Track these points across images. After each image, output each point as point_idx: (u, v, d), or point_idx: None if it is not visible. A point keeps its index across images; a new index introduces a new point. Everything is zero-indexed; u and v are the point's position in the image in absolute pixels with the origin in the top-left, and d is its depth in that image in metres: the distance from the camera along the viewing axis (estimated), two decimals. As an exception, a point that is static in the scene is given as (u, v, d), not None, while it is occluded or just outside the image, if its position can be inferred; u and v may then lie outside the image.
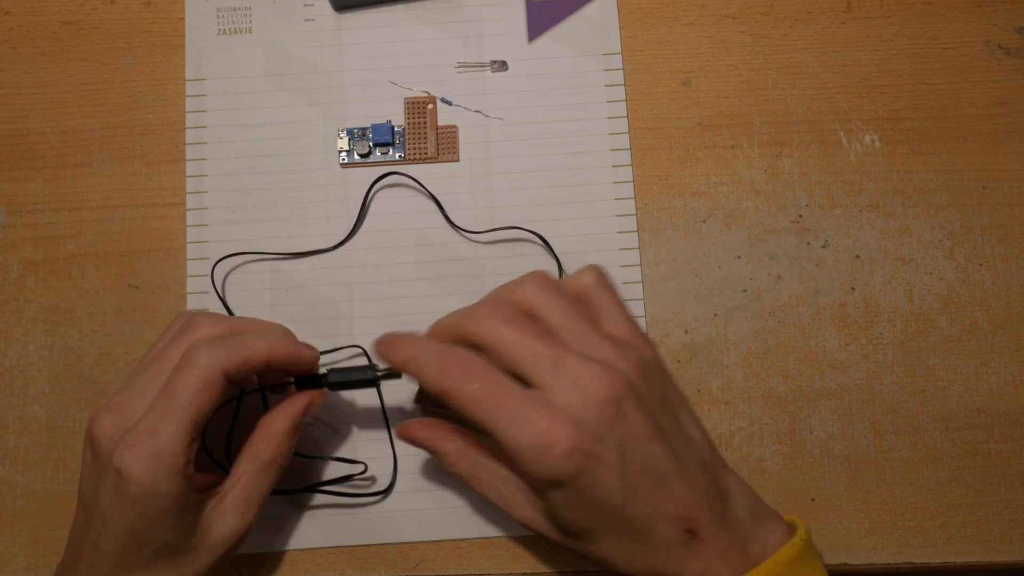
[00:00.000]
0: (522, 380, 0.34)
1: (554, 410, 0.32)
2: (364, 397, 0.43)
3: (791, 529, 0.36)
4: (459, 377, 0.33)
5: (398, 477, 0.42)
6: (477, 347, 0.35)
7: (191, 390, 0.34)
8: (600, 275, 0.38)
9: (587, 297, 0.37)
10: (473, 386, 0.33)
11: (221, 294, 0.44)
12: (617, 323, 0.37)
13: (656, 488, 0.33)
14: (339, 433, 0.43)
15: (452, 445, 0.37)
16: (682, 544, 0.33)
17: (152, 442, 0.33)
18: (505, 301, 0.35)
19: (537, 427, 0.32)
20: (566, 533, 0.35)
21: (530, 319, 0.35)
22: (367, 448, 0.42)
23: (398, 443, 0.42)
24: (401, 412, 0.43)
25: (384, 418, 0.42)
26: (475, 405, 0.33)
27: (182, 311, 0.39)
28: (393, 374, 0.38)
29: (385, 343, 0.37)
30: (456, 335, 0.36)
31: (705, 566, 0.34)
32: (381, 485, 0.42)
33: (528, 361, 0.34)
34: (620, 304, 0.37)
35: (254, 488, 0.37)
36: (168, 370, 0.35)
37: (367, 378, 0.38)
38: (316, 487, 0.41)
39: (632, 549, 0.34)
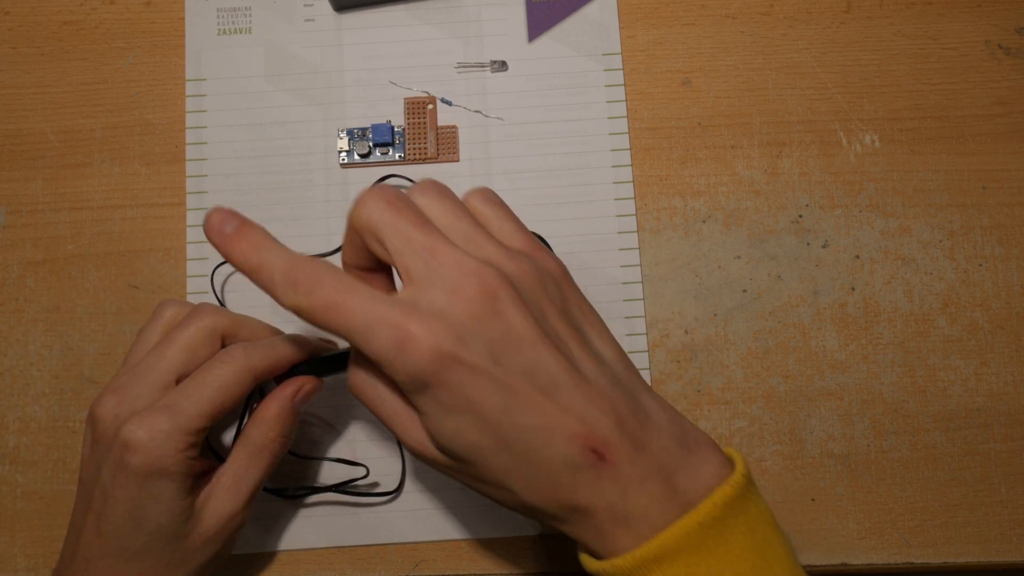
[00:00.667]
0: (397, 273, 0.32)
1: (411, 308, 0.30)
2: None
3: (728, 460, 0.32)
4: (307, 288, 0.31)
5: (398, 478, 0.42)
6: (356, 233, 0.32)
7: (224, 382, 0.35)
8: (489, 191, 0.35)
9: (479, 214, 0.34)
10: (321, 295, 0.31)
11: (219, 295, 0.44)
12: (513, 235, 0.34)
13: (547, 398, 0.30)
14: (336, 431, 0.43)
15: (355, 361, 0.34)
16: (589, 467, 0.30)
17: (170, 418, 0.34)
18: (395, 189, 0.32)
19: (390, 326, 0.29)
20: (454, 458, 0.31)
21: (416, 208, 0.32)
22: (368, 449, 0.42)
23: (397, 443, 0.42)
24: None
25: None
26: (327, 314, 0.31)
27: (165, 300, 0.39)
28: None
29: (226, 236, 0.32)
30: (348, 224, 0.33)
31: (621, 496, 0.30)
32: (386, 487, 0.42)
33: (402, 248, 0.31)
34: (516, 219, 0.35)
35: (245, 473, 0.37)
36: (175, 356, 0.36)
37: (342, 358, 0.37)
38: (317, 491, 0.41)
39: (531, 473, 0.30)
